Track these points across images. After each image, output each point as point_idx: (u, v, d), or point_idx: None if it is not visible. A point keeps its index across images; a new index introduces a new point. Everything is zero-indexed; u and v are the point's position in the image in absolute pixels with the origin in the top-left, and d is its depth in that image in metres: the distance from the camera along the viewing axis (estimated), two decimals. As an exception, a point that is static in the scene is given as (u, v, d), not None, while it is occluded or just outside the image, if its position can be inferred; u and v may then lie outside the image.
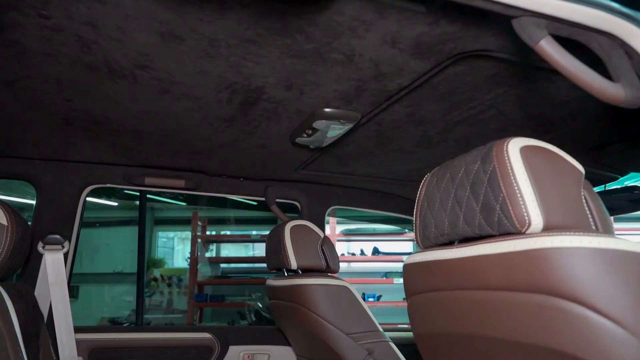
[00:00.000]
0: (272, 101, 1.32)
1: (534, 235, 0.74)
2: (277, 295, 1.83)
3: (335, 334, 1.58)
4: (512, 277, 0.78)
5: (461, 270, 0.88)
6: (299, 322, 1.70)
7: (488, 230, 0.83)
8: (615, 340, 0.67)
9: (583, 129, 1.51)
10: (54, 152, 1.82)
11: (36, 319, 1.61)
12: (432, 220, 0.97)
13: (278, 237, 1.76)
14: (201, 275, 5.43)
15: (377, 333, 1.63)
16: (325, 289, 1.61)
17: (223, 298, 5.23)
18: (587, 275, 0.69)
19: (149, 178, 2.00)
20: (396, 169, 2.00)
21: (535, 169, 0.78)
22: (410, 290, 1.05)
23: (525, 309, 0.77)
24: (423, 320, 1.02)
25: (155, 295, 5.66)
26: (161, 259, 6.63)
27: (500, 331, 0.82)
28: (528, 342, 0.77)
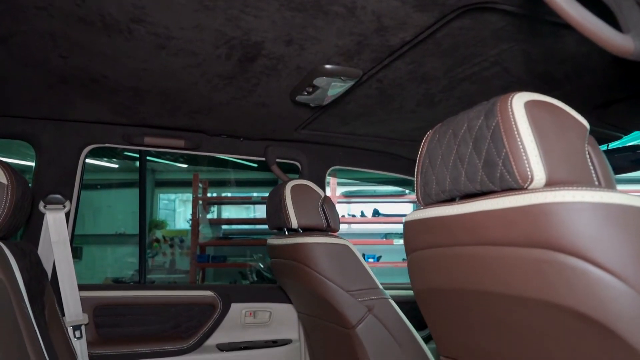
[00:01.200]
0: (271, 57, 1.30)
1: (536, 191, 0.74)
2: (278, 254, 1.85)
3: (336, 291, 1.60)
4: (513, 232, 0.78)
5: (461, 227, 0.88)
6: (299, 279, 1.72)
7: (490, 186, 0.83)
8: (614, 294, 0.67)
9: (588, 86, 1.48)
10: (51, 111, 1.80)
11: (40, 276, 1.63)
12: (433, 177, 0.96)
13: (278, 196, 1.76)
14: (203, 236, 5.49)
15: (377, 290, 1.65)
16: (326, 248, 1.63)
17: (225, 259, 5.30)
18: (589, 229, 0.69)
19: (149, 138, 1.98)
20: (398, 128, 1.98)
21: (539, 123, 0.77)
22: (410, 247, 1.05)
23: (524, 264, 0.77)
24: (422, 276, 1.03)
25: (158, 256, 5.74)
26: (163, 220, 6.69)
27: (499, 286, 0.83)
28: (527, 296, 0.78)
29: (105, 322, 1.96)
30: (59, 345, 1.56)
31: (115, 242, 6.52)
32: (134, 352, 1.92)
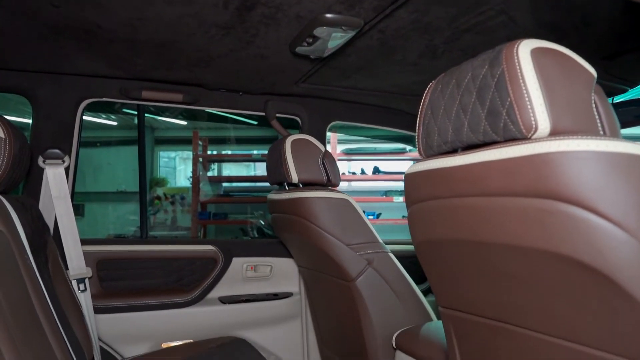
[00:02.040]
0: (270, 5, 1.26)
1: (540, 140, 0.73)
2: (279, 208, 1.85)
3: (336, 245, 1.62)
4: (515, 182, 0.77)
5: (463, 178, 0.88)
6: (300, 234, 1.73)
7: (493, 136, 0.81)
8: (614, 243, 0.67)
9: (596, 36, 1.45)
10: (47, 64, 1.76)
11: (42, 230, 1.64)
12: (435, 128, 0.95)
13: (279, 151, 1.75)
14: (203, 194, 5.51)
15: (376, 244, 1.66)
16: (326, 202, 1.63)
17: (226, 216, 5.34)
18: (592, 178, 0.68)
19: (146, 92, 1.95)
20: (399, 81, 1.95)
21: (545, 71, 0.75)
22: (411, 199, 1.05)
23: (526, 214, 0.77)
24: (423, 228, 1.03)
25: (159, 214, 5.78)
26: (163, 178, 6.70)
27: (500, 236, 0.83)
28: (527, 246, 0.78)
29: (109, 276, 1.99)
30: (63, 297, 1.59)
31: (116, 199, 6.55)
32: (137, 304, 1.96)
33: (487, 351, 1.00)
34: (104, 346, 1.90)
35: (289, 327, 2.19)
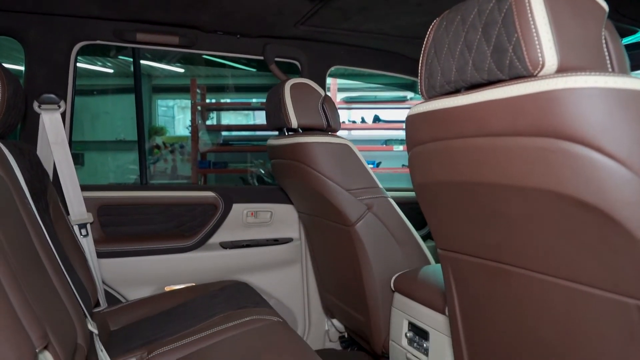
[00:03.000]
0: (267, -61, 1.20)
1: (547, 77, 0.71)
2: (278, 154, 1.84)
3: (336, 190, 1.62)
4: (519, 121, 0.75)
5: (466, 118, 0.86)
6: (300, 179, 1.73)
7: (498, 74, 0.79)
8: (618, 181, 0.67)
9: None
10: (37, 4, 1.70)
11: (41, 176, 1.63)
12: (438, 68, 0.92)
13: (278, 95, 1.72)
14: (203, 142, 5.49)
15: (376, 189, 1.66)
16: (326, 147, 1.61)
17: (226, 165, 5.34)
18: (598, 116, 0.67)
19: (141, 34, 1.90)
20: (403, 23, 1.89)
21: (554, 5, 0.72)
22: (412, 141, 1.04)
23: (529, 154, 0.76)
24: (423, 170, 1.03)
25: (159, 163, 5.77)
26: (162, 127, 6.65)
27: (502, 177, 0.82)
28: (529, 186, 0.78)
29: (110, 221, 2.00)
30: (65, 242, 1.60)
31: (115, 148, 6.53)
32: (139, 249, 1.98)
33: (485, 292, 1.02)
34: (108, 289, 1.94)
35: (289, 272, 2.23)
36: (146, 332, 1.54)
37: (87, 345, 1.26)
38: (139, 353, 1.41)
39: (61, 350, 0.99)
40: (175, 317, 1.62)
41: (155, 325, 1.59)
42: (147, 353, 1.40)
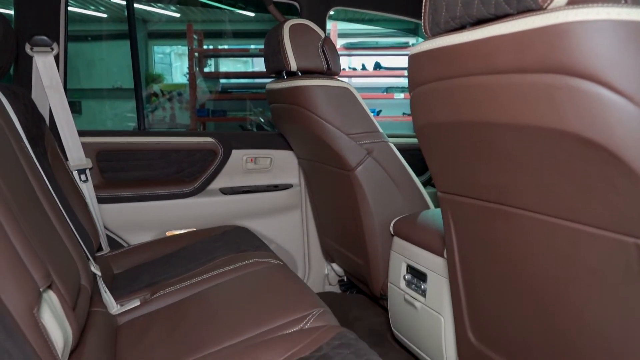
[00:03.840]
0: None
1: (556, 10, 0.68)
2: (278, 98, 1.81)
3: (336, 135, 1.60)
4: (525, 57, 0.73)
5: (470, 55, 0.83)
6: (299, 124, 1.71)
7: (505, 8, 0.76)
8: (624, 117, 0.65)
9: None
10: None
11: (37, 120, 1.61)
12: (443, 3, 0.89)
13: (277, 37, 1.67)
14: (201, 90, 5.41)
15: (377, 134, 1.64)
16: (326, 90, 1.58)
17: (224, 113, 5.28)
18: (608, 50, 0.64)
19: None
20: (405, -39, 1.81)
21: None
22: (415, 81, 1.01)
23: (534, 91, 0.74)
24: (426, 111, 1.01)
25: (157, 111, 5.72)
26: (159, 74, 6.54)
27: (505, 116, 0.81)
28: (533, 124, 0.76)
29: (109, 167, 2.00)
30: (65, 187, 1.60)
31: (113, 96, 6.44)
32: (140, 195, 1.99)
33: (485, 235, 1.02)
34: (110, 234, 1.96)
35: (289, 217, 2.25)
36: (149, 275, 1.57)
37: (90, 286, 1.28)
38: (143, 294, 1.44)
39: (65, 290, 1.00)
40: (177, 260, 1.64)
41: (158, 268, 1.61)
42: (151, 294, 1.43)
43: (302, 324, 1.11)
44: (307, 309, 1.15)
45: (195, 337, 1.13)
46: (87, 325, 1.17)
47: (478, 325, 1.14)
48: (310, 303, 1.18)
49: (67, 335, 0.93)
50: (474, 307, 1.14)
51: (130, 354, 1.12)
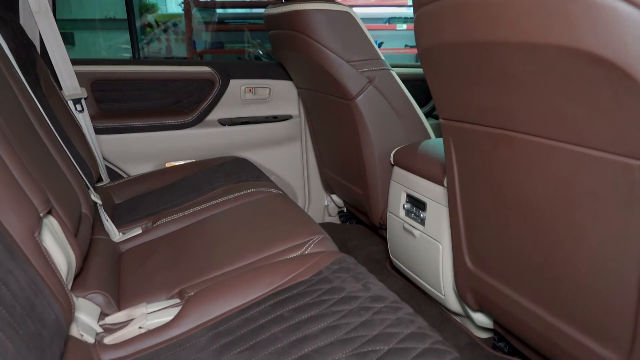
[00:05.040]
0: None
1: None
2: (276, 24, 1.74)
3: (336, 62, 1.55)
4: (539, -30, 0.69)
5: (480, -31, 0.78)
6: (299, 50, 1.65)
7: None
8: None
9: None
10: None
11: (27, 46, 1.56)
12: None
13: None
14: (196, 21, 5.23)
15: (378, 61, 1.60)
16: (326, 15, 1.52)
17: (222, 45, 5.13)
18: (628, -41, 0.60)
19: None
20: None
21: None
22: (420, 1, 0.96)
23: (548, 7, 0.70)
24: (430, 32, 0.96)
25: (152, 43, 5.55)
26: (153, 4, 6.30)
27: (515, 34, 0.77)
28: (544, 42, 0.73)
29: (105, 97, 1.96)
30: (61, 117, 1.58)
31: (106, 27, 6.24)
32: (137, 125, 1.96)
33: (486, 161, 1.01)
34: (109, 165, 1.96)
35: (288, 149, 2.23)
36: (149, 205, 1.58)
37: (92, 215, 1.29)
38: (144, 223, 1.46)
39: (65, 217, 1.00)
40: (177, 190, 1.65)
41: (158, 198, 1.62)
42: (152, 223, 1.44)
43: (302, 249, 1.12)
44: (307, 235, 1.16)
45: (197, 262, 1.14)
46: (90, 252, 1.19)
47: (476, 251, 1.15)
48: (310, 230, 1.19)
49: (70, 260, 0.94)
50: (472, 233, 1.15)
51: (133, 279, 1.15)
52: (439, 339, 0.74)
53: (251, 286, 0.96)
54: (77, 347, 0.79)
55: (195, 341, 0.84)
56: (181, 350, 0.83)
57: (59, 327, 0.70)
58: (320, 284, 0.92)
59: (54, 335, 0.67)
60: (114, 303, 1.02)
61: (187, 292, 1.03)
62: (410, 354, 0.69)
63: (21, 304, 0.62)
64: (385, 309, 0.81)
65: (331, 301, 0.86)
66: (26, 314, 0.62)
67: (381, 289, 0.90)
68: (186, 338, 0.86)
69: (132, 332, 0.91)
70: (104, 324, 0.96)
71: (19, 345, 0.57)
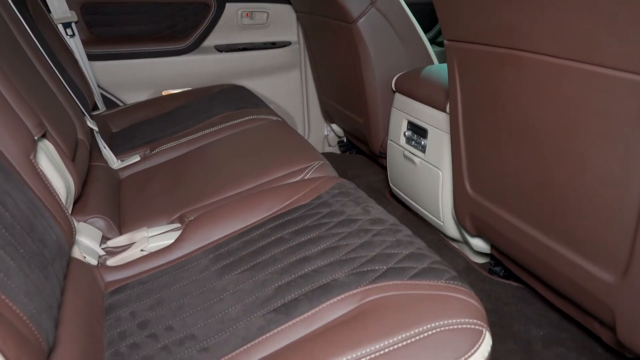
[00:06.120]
0: None
1: None
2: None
3: (337, -18, 1.48)
4: None
5: None
6: (297, -30, 1.57)
7: None
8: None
9: None
10: None
11: (10, -36, 1.48)
12: None
13: None
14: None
15: (381, -20, 1.52)
16: None
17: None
18: None
19: None
20: None
21: None
22: None
23: None
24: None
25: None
26: None
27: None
28: None
29: (96, 21, 1.88)
30: (52, 41, 1.52)
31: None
32: (132, 52, 1.90)
33: (492, 83, 0.98)
34: (105, 93, 1.91)
35: (287, 77, 2.18)
36: (147, 133, 1.55)
37: (88, 141, 1.27)
38: (142, 150, 1.44)
39: (61, 141, 0.99)
40: (175, 118, 1.62)
41: (156, 126, 1.60)
42: (150, 150, 1.43)
43: (302, 175, 1.11)
44: (307, 161, 1.15)
45: (197, 188, 1.14)
46: (90, 178, 1.18)
47: (476, 177, 1.15)
48: (310, 156, 1.18)
49: (68, 185, 0.93)
50: (473, 159, 1.14)
51: (133, 205, 1.15)
52: (438, 259, 0.75)
53: (251, 210, 0.96)
54: (80, 268, 0.81)
55: (196, 263, 0.85)
56: (183, 271, 0.84)
57: (60, 248, 0.71)
58: (320, 207, 0.92)
59: (55, 255, 0.68)
60: (115, 227, 1.03)
61: (188, 216, 1.04)
62: (409, 273, 0.70)
63: (20, 224, 0.62)
64: (384, 231, 0.82)
65: (331, 224, 0.86)
66: (26, 233, 0.62)
67: (381, 212, 0.90)
68: (188, 260, 0.87)
69: (134, 255, 0.92)
70: (106, 247, 0.97)
71: (21, 262, 0.57)
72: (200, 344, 0.66)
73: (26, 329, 0.52)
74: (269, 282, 0.74)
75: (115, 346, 0.69)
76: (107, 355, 0.68)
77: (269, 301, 0.71)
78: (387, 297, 0.66)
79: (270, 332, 0.65)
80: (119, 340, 0.70)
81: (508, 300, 1.25)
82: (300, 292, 0.70)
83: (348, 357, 0.58)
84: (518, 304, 1.23)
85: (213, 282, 0.78)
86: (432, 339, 0.59)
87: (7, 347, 0.46)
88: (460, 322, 0.61)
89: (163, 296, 0.78)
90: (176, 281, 0.81)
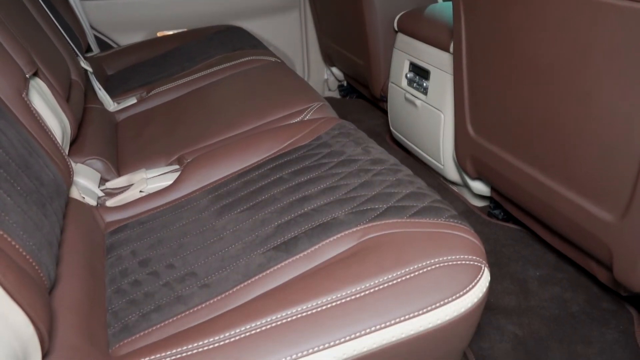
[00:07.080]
0: None
1: None
2: None
3: None
4: None
5: None
6: None
7: None
8: None
9: None
10: None
11: None
12: None
13: None
14: None
15: None
16: None
17: None
18: None
19: None
20: None
21: None
22: None
23: None
24: None
25: None
26: None
27: None
28: None
29: (86, -42, 1.80)
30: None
31: None
32: None
33: (498, 21, 0.95)
34: (98, 34, 1.86)
35: (286, 18, 2.11)
36: (143, 75, 1.52)
37: (83, 82, 1.24)
38: (138, 92, 1.42)
39: (54, 80, 0.96)
40: (171, 60, 1.58)
41: (152, 67, 1.56)
42: (147, 92, 1.40)
43: (301, 116, 1.10)
44: (306, 102, 1.13)
45: (195, 130, 1.13)
46: (86, 120, 1.16)
47: (478, 119, 1.13)
48: (310, 97, 1.15)
49: (64, 125, 0.92)
50: (476, 100, 1.12)
51: (131, 147, 1.14)
52: (438, 198, 0.75)
53: (250, 151, 0.95)
54: (80, 208, 0.80)
55: (196, 203, 0.85)
56: (183, 211, 0.84)
57: (58, 187, 0.70)
58: (319, 148, 0.91)
59: (53, 194, 0.67)
60: (114, 169, 1.02)
61: (186, 158, 1.03)
62: (409, 211, 0.70)
63: (15, 162, 0.61)
64: (385, 170, 0.81)
65: (331, 164, 0.85)
66: (22, 171, 0.61)
67: (381, 152, 0.89)
68: (187, 200, 0.87)
69: (133, 196, 0.92)
70: (105, 188, 0.97)
71: (17, 199, 0.56)
72: (201, 281, 0.67)
73: (26, 263, 0.52)
74: (269, 221, 0.74)
75: (117, 283, 0.70)
76: (110, 292, 0.69)
77: (268, 239, 0.71)
78: (387, 234, 0.66)
79: (270, 269, 0.66)
80: (121, 277, 0.71)
81: (506, 242, 1.26)
82: (300, 231, 0.70)
83: (348, 292, 0.58)
84: (516, 246, 1.24)
85: (213, 222, 0.78)
86: (432, 274, 0.59)
87: (7, 280, 0.46)
88: (459, 258, 0.61)
89: (163, 235, 0.78)
90: (176, 221, 0.81)
